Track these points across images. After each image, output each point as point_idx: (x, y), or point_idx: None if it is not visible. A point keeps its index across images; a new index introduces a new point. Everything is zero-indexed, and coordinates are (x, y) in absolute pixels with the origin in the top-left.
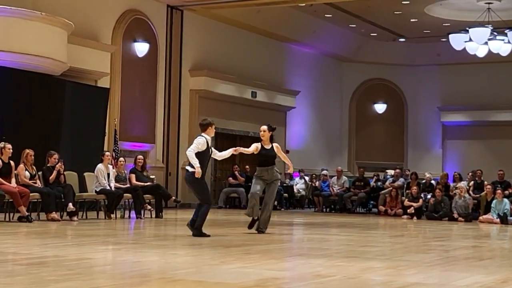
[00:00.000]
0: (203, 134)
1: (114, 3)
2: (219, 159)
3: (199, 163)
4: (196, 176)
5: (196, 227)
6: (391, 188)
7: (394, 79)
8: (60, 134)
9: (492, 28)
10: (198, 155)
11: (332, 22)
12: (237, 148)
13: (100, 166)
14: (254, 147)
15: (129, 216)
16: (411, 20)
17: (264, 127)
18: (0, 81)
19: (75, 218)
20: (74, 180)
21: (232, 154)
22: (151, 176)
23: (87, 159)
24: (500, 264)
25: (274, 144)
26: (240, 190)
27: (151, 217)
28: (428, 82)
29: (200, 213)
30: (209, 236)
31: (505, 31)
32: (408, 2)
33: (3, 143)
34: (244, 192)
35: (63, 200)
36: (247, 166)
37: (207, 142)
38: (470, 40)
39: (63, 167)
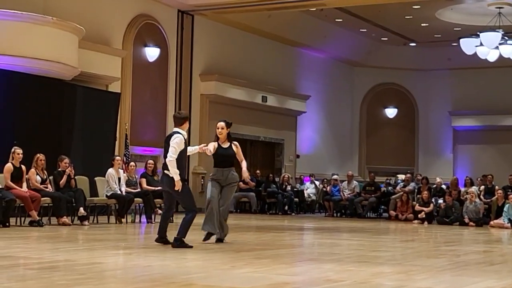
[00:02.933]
0: (179, 130)
1: (125, 8)
2: (188, 154)
3: (178, 164)
4: (176, 188)
5: (177, 238)
6: (402, 192)
7: (405, 84)
8: (71, 139)
9: (503, 32)
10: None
11: (342, 26)
12: (205, 147)
13: (111, 170)
14: (212, 146)
15: (140, 221)
16: (422, 24)
17: (222, 124)
18: (11, 85)
19: (86, 222)
20: (85, 185)
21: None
22: None
23: (98, 163)
24: (511, 269)
25: (233, 143)
26: (250, 194)
27: None
28: (439, 86)
29: (184, 221)
30: (191, 247)
31: None
32: (419, 7)
33: (13, 147)
34: (254, 196)
35: (74, 204)
36: (258, 171)
37: (184, 139)
38: (481, 44)
39: (73, 171)
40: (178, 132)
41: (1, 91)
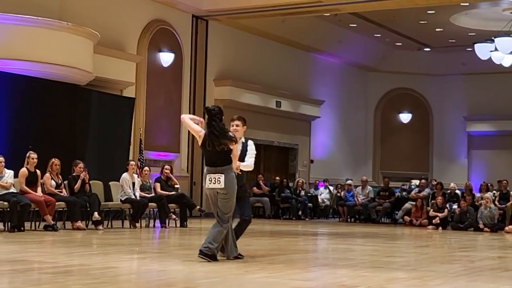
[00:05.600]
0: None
1: (140, 13)
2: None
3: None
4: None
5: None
6: (416, 198)
7: (419, 89)
8: (86, 143)
9: None
10: None
11: (357, 31)
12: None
13: (125, 175)
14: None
15: (154, 225)
16: (436, 29)
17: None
18: (26, 90)
19: (100, 227)
20: (100, 189)
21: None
22: (176, 186)
23: (113, 168)
24: None
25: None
26: (264, 199)
27: (175, 226)
28: (453, 91)
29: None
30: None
31: None
32: (433, 12)
33: (28, 152)
34: (268, 201)
35: (88, 209)
36: (277, 178)
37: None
38: (496, 49)
39: (87, 176)
40: None
41: (17, 96)
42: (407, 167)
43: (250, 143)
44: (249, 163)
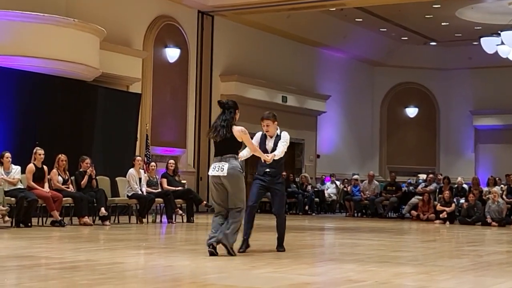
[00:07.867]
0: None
1: (146, 9)
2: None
3: None
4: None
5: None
6: (423, 192)
7: (425, 83)
8: (93, 139)
9: None
10: None
11: (362, 26)
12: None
13: (131, 171)
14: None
15: (161, 221)
16: (442, 23)
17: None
18: (33, 87)
19: (107, 222)
20: (106, 185)
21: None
22: (183, 181)
23: (119, 164)
24: None
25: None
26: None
27: (182, 221)
28: (460, 85)
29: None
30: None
31: None
32: (439, 6)
33: (35, 148)
34: None
35: (95, 204)
36: (284, 173)
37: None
38: (502, 43)
39: (94, 171)
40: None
41: (23, 92)
42: (414, 162)
43: (284, 134)
44: (277, 152)
